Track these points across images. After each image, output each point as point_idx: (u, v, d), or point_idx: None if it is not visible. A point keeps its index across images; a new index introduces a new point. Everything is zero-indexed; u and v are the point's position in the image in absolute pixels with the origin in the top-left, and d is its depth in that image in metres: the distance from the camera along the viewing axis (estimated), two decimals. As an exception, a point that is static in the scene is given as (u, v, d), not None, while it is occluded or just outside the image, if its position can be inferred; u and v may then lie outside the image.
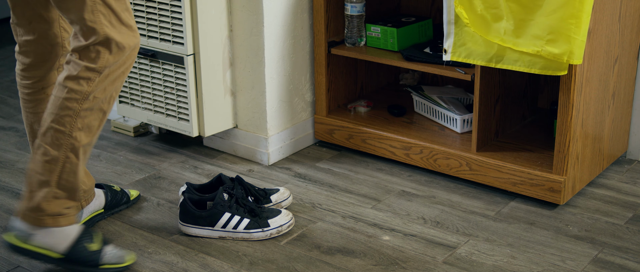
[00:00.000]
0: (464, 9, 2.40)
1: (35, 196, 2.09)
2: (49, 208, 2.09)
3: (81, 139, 2.06)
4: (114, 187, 2.55)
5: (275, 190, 2.54)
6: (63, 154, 2.06)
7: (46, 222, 2.10)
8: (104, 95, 2.06)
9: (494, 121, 2.69)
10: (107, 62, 2.02)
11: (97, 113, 2.07)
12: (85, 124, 2.05)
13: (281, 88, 2.84)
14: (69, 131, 2.04)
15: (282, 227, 2.39)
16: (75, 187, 2.11)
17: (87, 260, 2.13)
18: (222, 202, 2.36)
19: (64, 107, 2.03)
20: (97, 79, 2.02)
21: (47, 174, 2.07)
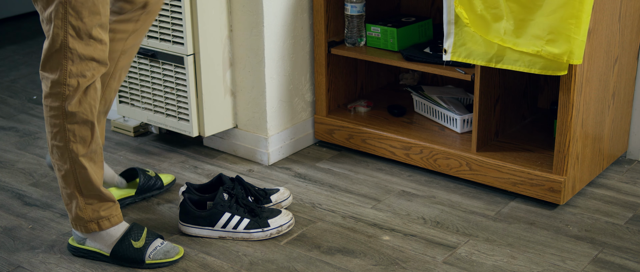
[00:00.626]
0: (464, 9, 2.40)
1: (71, 209, 2.20)
2: (86, 216, 2.19)
3: (79, 151, 2.12)
4: (149, 172, 2.58)
5: (275, 190, 2.54)
6: (70, 166, 2.13)
7: (91, 228, 2.21)
8: (83, 106, 2.08)
9: (494, 121, 2.69)
10: (67, 73, 2.03)
11: (83, 125, 2.10)
12: (77, 136, 2.10)
13: (281, 88, 2.84)
14: (65, 145, 2.11)
15: (282, 227, 2.39)
16: (98, 192, 2.18)
17: (133, 257, 2.22)
18: (222, 202, 2.36)
19: (52, 124, 2.10)
20: (67, 92, 2.05)
21: (69, 187, 2.16)
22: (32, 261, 2.28)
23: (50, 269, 2.24)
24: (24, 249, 2.34)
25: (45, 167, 2.87)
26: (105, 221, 2.22)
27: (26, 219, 2.51)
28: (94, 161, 2.16)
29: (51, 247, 2.35)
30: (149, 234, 2.26)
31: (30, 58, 4.13)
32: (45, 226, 2.47)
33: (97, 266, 2.25)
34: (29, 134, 3.17)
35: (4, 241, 2.39)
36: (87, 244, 2.26)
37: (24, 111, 3.41)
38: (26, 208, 2.58)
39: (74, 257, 2.29)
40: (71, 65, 2.03)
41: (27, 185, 2.74)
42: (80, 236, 2.26)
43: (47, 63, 2.06)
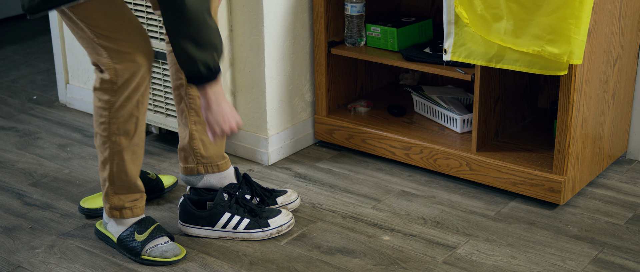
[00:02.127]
0: (464, 9, 2.40)
1: (103, 190, 2.28)
2: (112, 202, 2.26)
3: (121, 143, 2.19)
4: (149, 174, 2.59)
5: (283, 192, 2.53)
6: (110, 156, 2.20)
7: (114, 214, 2.28)
8: (130, 103, 2.15)
9: (494, 121, 2.69)
10: (115, 72, 2.09)
11: (129, 118, 2.17)
12: (121, 129, 2.17)
13: (281, 88, 2.84)
14: (108, 136, 2.18)
15: (282, 227, 2.39)
16: (130, 184, 2.25)
17: (130, 248, 2.26)
18: (222, 202, 2.36)
19: (99, 115, 2.17)
20: (115, 88, 2.12)
21: (104, 173, 2.24)
22: (32, 261, 2.28)
23: (50, 269, 2.24)
24: (24, 249, 2.34)
25: (45, 167, 2.87)
26: (127, 211, 2.28)
27: (26, 219, 2.51)
28: (134, 154, 2.23)
29: (51, 247, 2.35)
30: (156, 230, 2.27)
31: (30, 58, 4.13)
32: (45, 226, 2.47)
33: (97, 265, 2.25)
34: (29, 134, 3.17)
35: (4, 241, 2.39)
36: (107, 227, 2.32)
37: (24, 111, 3.41)
38: (26, 208, 2.58)
39: (74, 257, 2.29)
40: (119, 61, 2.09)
41: (27, 185, 2.74)
42: (105, 220, 2.33)
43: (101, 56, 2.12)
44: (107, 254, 2.31)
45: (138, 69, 2.11)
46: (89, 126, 3.24)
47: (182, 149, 2.45)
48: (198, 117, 2.39)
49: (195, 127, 2.40)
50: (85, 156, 2.96)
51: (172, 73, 2.37)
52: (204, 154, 2.43)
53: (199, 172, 2.46)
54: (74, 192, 2.68)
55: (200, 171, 2.46)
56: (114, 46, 2.08)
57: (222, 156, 2.47)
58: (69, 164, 2.90)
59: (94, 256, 2.30)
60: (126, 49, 2.08)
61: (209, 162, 2.45)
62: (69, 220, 2.50)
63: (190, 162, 2.45)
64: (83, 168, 2.86)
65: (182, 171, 2.49)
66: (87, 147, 3.03)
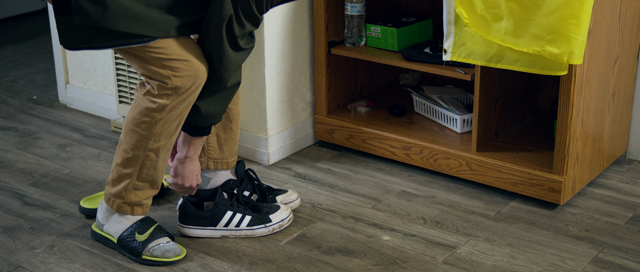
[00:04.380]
0: (464, 9, 2.40)
1: (117, 185, 2.25)
2: (128, 197, 2.25)
3: (160, 141, 2.19)
4: None
5: (283, 191, 2.53)
6: (143, 153, 2.20)
7: (124, 209, 2.27)
8: (183, 105, 2.16)
9: (494, 121, 2.69)
10: (180, 82, 2.11)
11: (174, 119, 2.17)
12: (163, 128, 2.17)
13: (281, 88, 2.84)
14: (148, 136, 2.18)
15: (284, 222, 2.39)
16: (155, 179, 2.25)
17: (131, 248, 2.26)
18: (223, 201, 2.36)
19: (144, 114, 2.16)
20: (174, 95, 2.12)
21: (129, 168, 2.22)
22: (32, 261, 2.28)
23: (50, 269, 2.24)
24: (24, 249, 2.34)
25: (45, 167, 2.87)
26: (138, 208, 2.28)
27: (26, 219, 2.51)
28: (169, 151, 2.24)
29: (51, 247, 2.35)
30: (157, 230, 2.27)
31: (30, 58, 4.13)
32: (45, 226, 2.47)
33: (97, 265, 2.25)
34: (29, 134, 3.17)
35: (4, 241, 2.39)
36: (104, 229, 2.31)
37: (24, 111, 3.41)
38: (26, 208, 2.58)
39: (74, 257, 2.29)
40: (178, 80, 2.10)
41: (27, 185, 2.74)
42: (100, 222, 2.31)
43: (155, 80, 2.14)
44: (107, 254, 2.31)
45: (197, 80, 2.12)
46: (89, 126, 3.24)
47: None
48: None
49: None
50: (85, 156, 2.96)
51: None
52: (217, 152, 2.43)
53: (208, 167, 2.45)
54: (74, 192, 2.68)
55: (210, 166, 2.44)
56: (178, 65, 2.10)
57: (233, 153, 2.47)
58: (69, 164, 2.90)
59: (94, 256, 2.30)
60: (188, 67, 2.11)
61: (221, 159, 2.44)
62: (69, 220, 2.50)
63: (201, 157, 2.44)
64: (83, 168, 2.86)
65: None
66: (87, 147, 3.03)
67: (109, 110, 3.29)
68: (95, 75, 3.31)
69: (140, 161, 2.20)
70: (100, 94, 3.31)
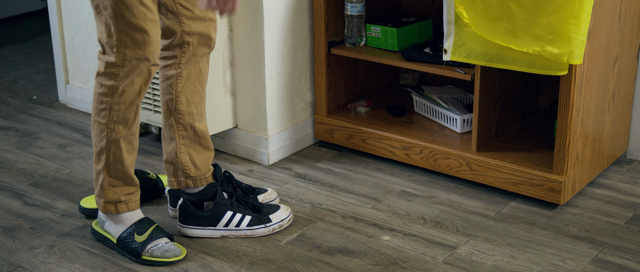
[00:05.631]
0: (464, 9, 2.40)
1: (97, 185, 2.27)
2: (107, 195, 2.26)
3: (119, 131, 2.19)
4: (149, 174, 2.59)
5: (263, 190, 2.54)
6: (107, 145, 2.21)
7: (108, 209, 2.28)
8: (132, 88, 2.16)
9: (494, 121, 2.69)
10: (124, 56, 2.10)
11: (130, 106, 2.18)
12: (120, 116, 2.18)
13: (281, 88, 2.84)
14: (107, 123, 2.18)
15: (284, 222, 2.39)
16: (125, 175, 2.25)
17: (131, 249, 2.26)
18: (223, 201, 2.36)
19: (99, 100, 2.17)
20: (121, 73, 2.12)
21: (100, 164, 2.24)
22: (32, 261, 2.28)
23: (50, 269, 2.24)
24: (24, 249, 2.34)
25: (45, 167, 2.87)
26: (122, 205, 2.28)
27: (26, 219, 2.51)
28: (131, 143, 2.23)
29: (51, 247, 2.35)
30: (156, 231, 2.27)
31: (30, 58, 4.13)
32: (45, 226, 2.47)
33: (97, 265, 2.25)
34: (29, 134, 3.17)
35: (4, 241, 2.39)
36: (105, 227, 2.32)
37: (24, 111, 3.41)
38: (26, 208, 2.58)
39: (74, 257, 2.29)
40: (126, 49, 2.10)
41: (27, 185, 2.74)
42: (101, 219, 2.32)
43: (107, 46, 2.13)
44: (107, 254, 2.31)
45: (147, 58, 2.12)
46: (89, 126, 3.24)
47: (170, 162, 2.43)
48: (186, 132, 2.38)
49: (183, 141, 2.39)
50: (85, 155, 2.96)
51: (163, 88, 2.36)
52: (193, 170, 2.42)
53: (188, 185, 2.44)
54: (74, 192, 2.68)
55: (190, 185, 2.44)
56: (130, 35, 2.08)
57: (209, 168, 2.46)
58: (69, 164, 2.90)
59: (94, 256, 2.30)
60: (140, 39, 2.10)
61: (198, 177, 2.44)
62: (69, 220, 2.50)
63: (179, 176, 2.44)
64: (83, 168, 2.86)
65: (172, 185, 2.46)
66: (87, 147, 3.03)
67: (109, 110, 3.28)
68: (95, 75, 3.31)
69: (105, 155, 2.22)
70: (100, 94, 3.31)
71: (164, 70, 2.34)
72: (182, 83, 2.34)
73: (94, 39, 3.24)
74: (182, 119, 2.37)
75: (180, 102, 2.35)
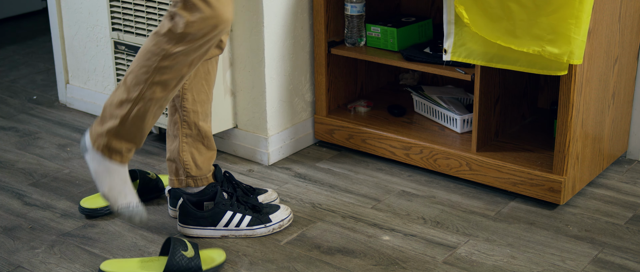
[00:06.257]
0: (464, 9, 2.40)
1: (105, 124, 2.19)
2: (110, 141, 2.20)
3: (156, 92, 2.15)
4: (149, 174, 2.58)
5: (263, 191, 2.54)
6: (138, 98, 2.15)
7: (102, 151, 2.21)
8: (186, 59, 2.12)
9: (494, 121, 2.69)
10: (190, 29, 2.07)
11: (175, 73, 2.13)
12: (162, 79, 2.13)
13: (281, 88, 2.84)
14: (147, 79, 2.13)
15: (284, 222, 2.39)
16: (139, 134, 2.20)
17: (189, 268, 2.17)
18: (223, 201, 2.36)
19: (147, 57, 2.12)
20: (181, 43, 2.08)
21: (118, 111, 2.17)
22: (32, 261, 2.28)
23: (50, 269, 2.24)
24: (24, 249, 2.34)
25: (45, 167, 2.87)
26: (117, 155, 2.22)
27: (26, 219, 2.51)
28: (159, 109, 2.19)
29: (51, 247, 2.35)
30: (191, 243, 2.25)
31: (30, 58, 4.14)
32: (45, 226, 2.47)
33: (97, 265, 2.25)
34: (29, 134, 3.17)
35: (4, 241, 2.39)
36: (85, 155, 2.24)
37: (24, 111, 3.41)
38: (26, 208, 2.58)
39: (74, 257, 2.29)
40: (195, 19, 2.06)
41: (27, 185, 2.74)
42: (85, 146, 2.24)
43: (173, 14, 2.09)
44: (107, 254, 2.31)
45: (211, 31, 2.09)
46: (88, 126, 3.24)
47: (172, 160, 2.43)
48: (190, 130, 2.38)
49: (186, 140, 2.39)
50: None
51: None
52: (195, 170, 2.42)
53: (188, 185, 2.45)
54: (74, 192, 2.68)
55: (190, 184, 2.44)
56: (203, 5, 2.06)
57: (211, 168, 2.46)
58: (69, 164, 2.90)
59: (94, 256, 2.30)
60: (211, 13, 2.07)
61: (199, 176, 2.43)
62: (69, 220, 2.50)
63: (180, 175, 2.44)
64: (83, 168, 2.86)
65: (173, 184, 2.45)
66: (87, 147, 3.03)
67: (109, 110, 3.28)
68: (95, 75, 3.31)
69: (131, 106, 2.16)
70: (100, 94, 3.32)
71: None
72: (189, 81, 2.34)
73: (94, 38, 3.24)
74: (186, 117, 2.37)
75: (186, 99, 2.35)
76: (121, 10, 2.88)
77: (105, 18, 3.16)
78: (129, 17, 2.87)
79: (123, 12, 2.88)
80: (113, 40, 2.96)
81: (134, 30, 2.88)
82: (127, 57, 2.94)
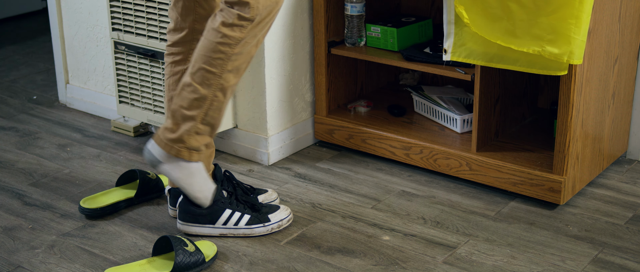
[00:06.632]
0: (464, 9, 2.40)
1: (180, 128, 2.23)
2: (189, 141, 2.23)
3: (230, 80, 2.19)
4: (149, 174, 2.58)
5: (263, 191, 2.54)
6: (212, 93, 2.19)
7: (183, 154, 2.25)
8: (254, 40, 2.17)
9: (494, 121, 2.69)
10: (257, 10, 2.11)
11: (245, 56, 2.19)
12: (234, 66, 2.18)
13: (281, 88, 2.84)
14: (220, 73, 2.17)
15: (283, 222, 2.39)
16: (217, 124, 2.26)
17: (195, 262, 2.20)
18: (222, 199, 2.36)
19: (217, 50, 2.15)
20: (249, 26, 2.13)
21: (194, 110, 2.20)
22: (32, 261, 2.28)
23: (50, 269, 2.24)
24: (24, 249, 2.34)
25: (45, 167, 2.87)
26: (196, 154, 2.26)
27: (26, 219, 2.51)
28: (231, 93, 2.23)
29: (51, 247, 2.35)
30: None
31: (30, 58, 4.14)
32: (45, 226, 2.47)
33: (97, 265, 2.25)
34: (29, 134, 3.17)
35: (4, 241, 2.39)
36: (159, 168, 2.27)
37: (24, 111, 3.41)
38: (26, 208, 2.58)
39: (74, 257, 2.29)
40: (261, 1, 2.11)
41: (27, 185, 2.74)
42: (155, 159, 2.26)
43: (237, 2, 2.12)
44: (107, 254, 2.31)
45: (275, 7, 2.15)
46: (89, 126, 3.24)
47: None
48: None
49: None
50: (85, 156, 2.96)
51: (170, 83, 2.37)
52: None
53: None
54: (74, 192, 2.68)
55: None
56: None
57: (210, 167, 2.46)
58: (69, 164, 2.90)
59: (94, 256, 2.30)
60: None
61: None
62: (69, 220, 2.50)
63: None
64: (83, 168, 2.86)
65: (173, 183, 2.44)
66: (87, 147, 3.03)
67: (109, 110, 3.29)
68: (95, 75, 3.31)
69: (208, 102, 2.19)
70: (100, 94, 3.32)
71: (172, 66, 2.35)
72: None
73: (94, 38, 3.24)
74: None
75: None
76: (121, 10, 2.88)
77: (105, 18, 3.16)
78: (129, 17, 2.87)
79: (123, 12, 2.88)
80: (113, 40, 2.96)
81: (134, 30, 2.88)
82: (127, 57, 2.94)
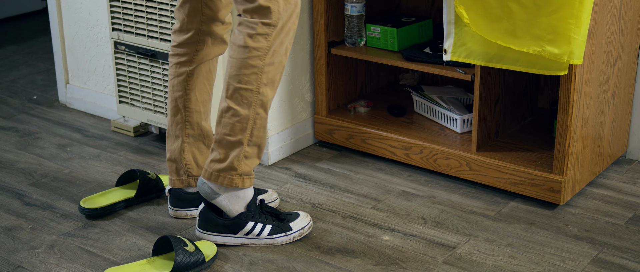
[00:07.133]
0: (464, 9, 2.40)
1: (228, 157, 2.20)
2: (240, 167, 2.21)
3: (267, 94, 2.16)
4: (149, 174, 2.58)
5: (263, 191, 2.53)
6: (253, 111, 2.16)
7: (236, 182, 2.23)
8: (282, 48, 2.15)
9: (494, 121, 2.69)
10: (279, 14, 2.09)
11: (277, 66, 2.16)
12: (269, 78, 2.15)
13: (281, 88, 2.84)
14: (257, 88, 2.14)
15: (304, 230, 2.37)
16: (263, 143, 2.23)
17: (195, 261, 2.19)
18: (246, 211, 2.32)
19: (248, 66, 2.12)
20: (274, 33, 2.11)
21: (239, 134, 2.17)
22: (32, 261, 2.28)
23: (50, 269, 2.24)
24: (24, 249, 2.34)
25: (45, 167, 2.87)
26: (249, 179, 2.24)
27: (26, 219, 2.51)
28: (269, 107, 2.21)
29: (51, 247, 2.35)
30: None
31: (31, 58, 4.14)
32: (45, 226, 2.47)
33: (97, 265, 2.25)
34: (29, 134, 3.17)
35: (4, 241, 2.39)
36: (217, 201, 2.25)
37: (24, 111, 3.41)
38: (26, 208, 2.58)
39: (74, 257, 2.29)
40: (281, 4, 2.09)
41: (27, 185, 2.74)
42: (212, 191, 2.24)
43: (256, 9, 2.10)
44: (107, 254, 2.31)
45: (294, 9, 2.13)
46: (89, 126, 3.24)
47: (172, 160, 2.42)
48: (193, 130, 2.38)
49: (188, 140, 2.39)
50: (85, 156, 2.96)
51: (174, 84, 2.36)
52: (196, 169, 2.42)
53: (190, 184, 2.44)
54: (74, 192, 2.68)
55: (191, 183, 2.44)
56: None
57: None
58: (69, 164, 2.90)
59: (94, 256, 2.30)
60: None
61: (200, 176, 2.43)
62: (69, 220, 2.50)
63: (181, 175, 2.44)
64: (83, 168, 2.86)
65: (174, 184, 2.45)
66: (87, 147, 3.03)
67: (109, 110, 3.29)
68: (95, 75, 3.31)
69: (251, 122, 2.16)
70: (100, 94, 3.32)
71: (177, 67, 2.35)
72: (193, 81, 2.34)
73: (94, 38, 3.24)
74: (190, 117, 2.37)
75: (190, 99, 2.35)
76: (121, 10, 2.88)
77: (105, 18, 3.16)
78: (129, 17, 2.87)
79: (123, 12, 2.88)
80: (113, 40, 2.96)
81: (134, 30, 2.88)
82: (127, 57, 2.94)
